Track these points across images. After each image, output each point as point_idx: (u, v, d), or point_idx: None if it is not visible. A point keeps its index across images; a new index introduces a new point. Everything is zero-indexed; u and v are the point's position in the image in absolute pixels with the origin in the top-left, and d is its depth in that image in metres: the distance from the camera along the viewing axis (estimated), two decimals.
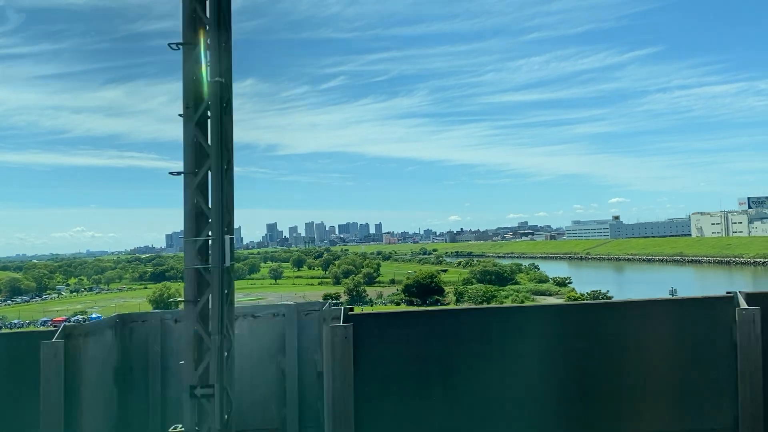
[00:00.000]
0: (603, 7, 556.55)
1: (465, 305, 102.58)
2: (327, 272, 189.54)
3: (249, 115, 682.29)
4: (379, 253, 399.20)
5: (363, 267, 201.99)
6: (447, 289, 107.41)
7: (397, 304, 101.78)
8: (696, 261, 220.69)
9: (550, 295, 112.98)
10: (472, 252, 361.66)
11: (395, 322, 11.00)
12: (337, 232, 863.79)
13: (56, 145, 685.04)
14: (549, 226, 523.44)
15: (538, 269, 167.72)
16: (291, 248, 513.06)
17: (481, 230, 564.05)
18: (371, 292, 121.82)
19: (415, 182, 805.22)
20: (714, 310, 10.54)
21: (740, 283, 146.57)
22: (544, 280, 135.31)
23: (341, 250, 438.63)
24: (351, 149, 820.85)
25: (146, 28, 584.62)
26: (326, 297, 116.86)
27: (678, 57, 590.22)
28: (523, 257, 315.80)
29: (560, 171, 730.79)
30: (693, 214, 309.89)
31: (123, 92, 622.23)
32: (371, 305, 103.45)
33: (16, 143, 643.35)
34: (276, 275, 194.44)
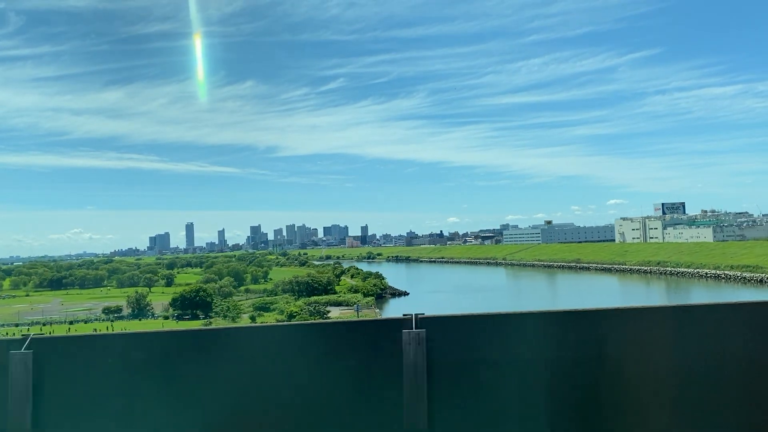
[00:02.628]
0: (602, 9, 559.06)
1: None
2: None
3: (248, 117, 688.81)
4: (326, 257, 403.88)
5: (246, 273, 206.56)
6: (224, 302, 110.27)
7: (166, 318, 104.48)
8: (585, 268, 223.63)
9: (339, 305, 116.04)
10: (410, 257, 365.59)
11: None
12: (322, 234, 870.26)
13: (56, 146, 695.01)
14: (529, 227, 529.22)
15: (380, 276, 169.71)
16: (209, 253, 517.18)
17: (461, 233, 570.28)
18: (158, 304, 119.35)
19: (414, 184, 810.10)
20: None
21: (595, 292, 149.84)
22: (357, 289, 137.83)
23: (281, 254, 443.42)
24: (351, 151, 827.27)
25: (147, 30, 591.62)
26: (105, 310, 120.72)
27: (677, 59, 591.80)
28: (442, 262, 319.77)
29: (560, 172, 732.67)
30: (617, 220, 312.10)
31: (123, 94, 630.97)
32: (152, 317, 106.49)
33: (16, 145, 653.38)
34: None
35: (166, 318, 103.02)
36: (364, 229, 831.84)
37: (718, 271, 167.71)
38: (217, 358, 9.30)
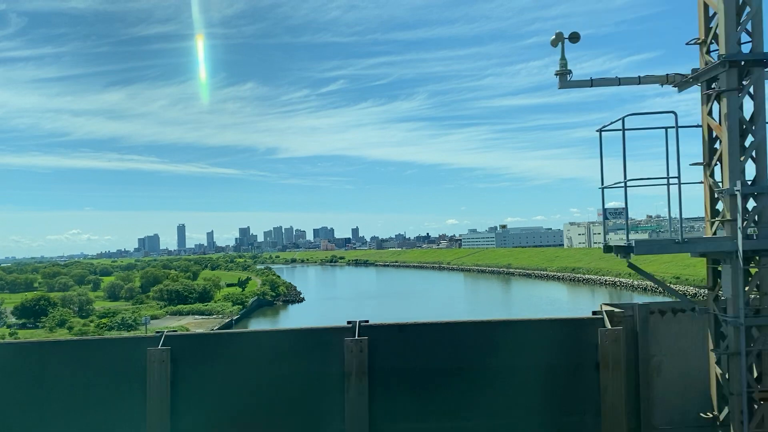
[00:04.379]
0: (601, 12, 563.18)
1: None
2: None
3: (249, 119, 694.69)
4: (293, 260, 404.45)
5: (167, 277, 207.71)
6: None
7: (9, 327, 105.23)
8: (510, 273, 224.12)
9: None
10: (368, 260, 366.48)
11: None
12: (312, 236, 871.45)
13: (56, 147, 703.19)
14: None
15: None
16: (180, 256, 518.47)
17: (458, 235, 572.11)
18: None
19: (414, 185, 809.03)
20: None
21: (484, 300, 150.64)
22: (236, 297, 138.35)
23: (251, 257, 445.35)
24: (351, 152, 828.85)
25: (147, 32, 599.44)
26: None
27: (676, 62, 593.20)
28: (396, 265, 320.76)
29: (559, 174, 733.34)
30: (565, 224, 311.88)
31: (124, 95, 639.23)
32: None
33: (17, 145, 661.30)
34: None
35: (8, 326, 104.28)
36: (355, 231, 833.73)
37: (614, 278, 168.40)
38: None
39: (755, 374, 9.72)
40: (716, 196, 10.61)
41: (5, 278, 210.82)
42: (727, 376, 9.71)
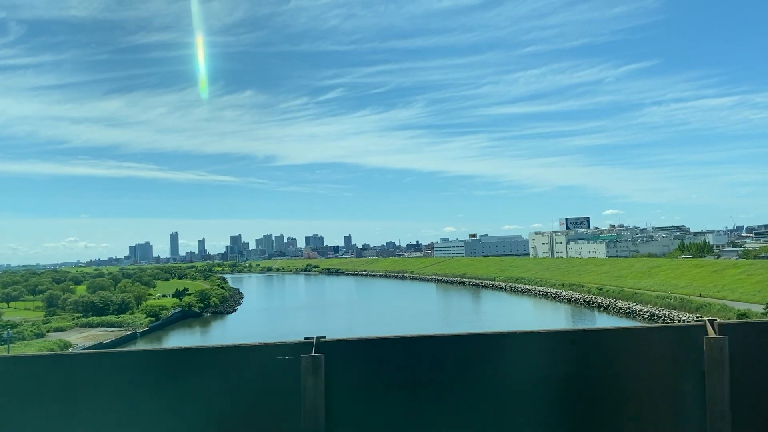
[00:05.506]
0: (598, 21, 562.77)
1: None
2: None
3: (248, 126, 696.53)
4: (270, 269, 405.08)
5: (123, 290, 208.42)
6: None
7: None
8: (461, 283, 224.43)
9: None
10: (339, 269, 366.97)
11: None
12: (303, 244, 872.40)
13: (55, 154, 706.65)
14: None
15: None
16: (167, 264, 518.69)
17: (429, 243, 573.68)
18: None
19: (413, 193, 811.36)
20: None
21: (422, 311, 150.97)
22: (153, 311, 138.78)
23: (231, 265, 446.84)
24: (349, 160, 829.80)
25: (147, 39, 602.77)
26: None
27: (673, 70, 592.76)
28: (364, 275, 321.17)
29: (557, 182, 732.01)
30: (530, 234, 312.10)
31: (123, 103, 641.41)
32: None
33: (16, 153, 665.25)
34: None
35: None
36: (347, 239, 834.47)
37: (548, 289, 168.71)
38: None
39: None
40: None
41: None
42: None
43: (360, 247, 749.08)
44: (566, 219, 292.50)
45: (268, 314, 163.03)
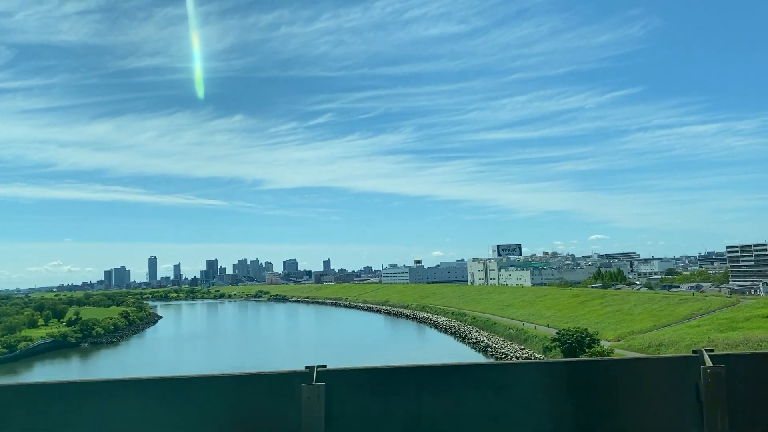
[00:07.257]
0: (584, 49, 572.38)
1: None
2: None
3: (237, 150, 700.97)
4: (222, 295, 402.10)
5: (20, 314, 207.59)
6: None
7: None
8: (377, 310, 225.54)
9: None
10: (286, 296, 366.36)
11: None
12: (281, 268, 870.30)
13: (42, 178, 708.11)
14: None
15: None
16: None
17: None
18: None
19: (401, 217, 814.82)
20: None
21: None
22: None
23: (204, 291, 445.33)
24: (338, 184, 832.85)
25: (136, 64, 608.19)
26: None
27: (658, 97, 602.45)
28: (307, 301, 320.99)
29: (544, 207, 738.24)
30: (469, 260, 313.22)
31: (111, 127, 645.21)
32: None
33: (2, 176, 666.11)
34: None
35: None
36: (327, 263, 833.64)
37: (433, 316, 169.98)
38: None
39: None
40: None
41: None
42: None
43: (337, 271, 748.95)
44: (498, 246, 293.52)
45: (157, 344, 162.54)
